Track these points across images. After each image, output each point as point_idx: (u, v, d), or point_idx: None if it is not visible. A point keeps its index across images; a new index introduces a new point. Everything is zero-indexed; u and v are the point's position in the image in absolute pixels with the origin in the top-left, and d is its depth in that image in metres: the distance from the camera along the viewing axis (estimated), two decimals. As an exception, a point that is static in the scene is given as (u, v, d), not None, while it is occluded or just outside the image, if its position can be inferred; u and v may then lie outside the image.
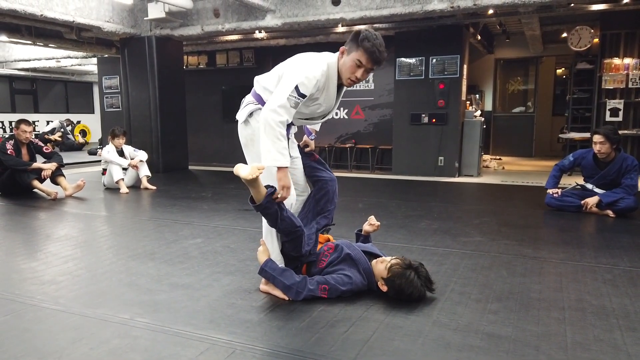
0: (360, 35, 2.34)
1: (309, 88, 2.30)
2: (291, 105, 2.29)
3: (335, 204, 2.71)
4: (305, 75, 2.30)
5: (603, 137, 4.38)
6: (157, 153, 8.10)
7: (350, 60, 2.36)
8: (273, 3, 6.73)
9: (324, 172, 2.69)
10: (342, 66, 2.40)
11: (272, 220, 2.36)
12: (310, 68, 2.33)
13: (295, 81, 2.28)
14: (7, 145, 5.52)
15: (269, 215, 2.34)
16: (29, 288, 2.65)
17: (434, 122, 7.49)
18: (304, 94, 2.30)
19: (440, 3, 5.88)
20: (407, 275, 2.33)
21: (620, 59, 7.26)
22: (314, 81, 2.31)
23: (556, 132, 10.17)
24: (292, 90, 2.28)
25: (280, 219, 2.32)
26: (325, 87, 2.41)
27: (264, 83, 2.49)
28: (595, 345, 1.95)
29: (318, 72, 2.34)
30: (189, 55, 9.70)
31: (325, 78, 2.38)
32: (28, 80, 14.54)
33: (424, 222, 4.24)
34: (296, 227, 2.39)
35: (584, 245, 3.48)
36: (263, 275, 2.47)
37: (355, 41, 2.35)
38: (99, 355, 1.89)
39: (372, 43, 2.32)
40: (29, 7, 6.02)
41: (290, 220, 2.36)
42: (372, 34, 2.35)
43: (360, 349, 1.92)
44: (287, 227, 2.36)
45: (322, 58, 2.41)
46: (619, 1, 6.15)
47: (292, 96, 2.28)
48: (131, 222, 4.41)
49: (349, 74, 2.39)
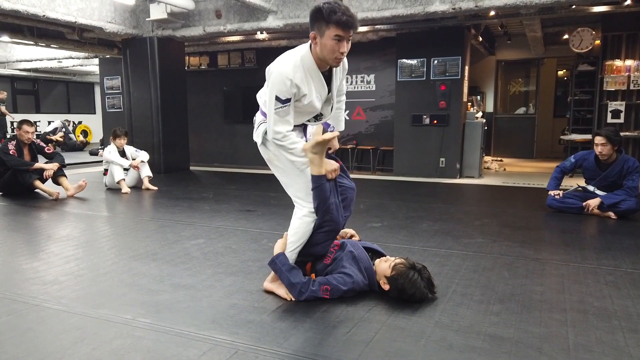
0: (324, 11, 2.20)
1: (285, 90, 2.23)
2: (282, 116, 2.26)
3: (351, 211, 2.69)
4: (277, 81, 2.24)
5: (604, 138, 4.38)
6: (158, 153, 8.10)
7: (327, 39, 2.22)
8: (275, 4, 6.74)
9: (345, 180, 2.66)
10: (321, 51, 2.26)
11: (321, 200, 2.38)
12: (277, 71, 2.25)
13: (273, 91, 2.25)
14: (9, 145, 5.53)
15: (320, 193, 2.37)
16: (31, 288, 2.65)
17: (435, 123, 7.49)
18: (286, 99, 2.24)
19: (441, 4, 5.88)
20: (410, 275, 2.34)
21: (622, 60, 7.26)
22: (287, 81, 2.22)
23: (557, 133, 10.17)
24: (274, 102, 2.24)
25: (329, 205, 2.38)
26: (306, 79, 2.30)
27: (264, 98, 2.45)
28: (598, 347, 1.95)
29: (287, 70, 2.24)
30: (190, 56, 9.71)
31: (302, 71, 2.28)
32: (30, 80, 14.56)
33: (426, 223, 4.24)
34: (337, 218, 2.44)
35: (585, 247, 3.47)
36: (272, 267, 2.47)
37: (322, 19, 2.21)
38: (101, 355, 1.89)
39: (340, 12, 2.18)
40: (31, 7, 6.03)
41: (336, 208, 2.42)
42: (332, 3, 2.22)
43: (362, 349, 1.92)
44: (331, 213, 2.41)
45: (292, 54, 2.32)
46: (620, 3, 6.16)
47: (278, 108, 2.25)
48: (133, 222, 4.42)
49: (332, 53, 2.25)
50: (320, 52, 2.27)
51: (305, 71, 2.29)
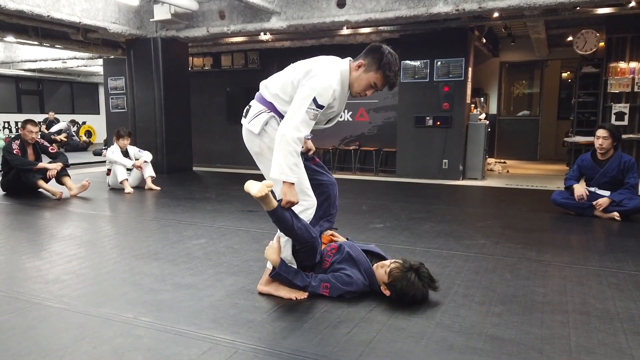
0: (384, 59, 2.32)
1: (326, 99, 2.28)
2: (310, 118, 2.28)
3: (337, 207, 2.71)
4: (322, 86, 2.27)
5: (607, 132, 4.44)
6: (161, 154, 8.12)
7: (366, 79, 2.37)
8: (278, 5, 6.75)
9: (324, 176, 2.68)
10: (355, 79, 2.39)
11: (285, 229, 2.34)
12: (326, 78, 2.30)
13: (313, 93, 2.26)
14: (13, 145, 5.56)
15: (281, 224, 2.32)
16: (33, 286, 2.66)
17: (438, 124, 7.48)
18: (322, 105, 2.28)
19: (445, 6, 5.88)
20: (408, 277, 2.33)
21: (626, 62, 7.23)
22: (331, 91, 2.29)
23: (561, 135, 10.13)
24: (310, 102, 2.25)
25: (297, 228, 2.31)
26: (340, 95, 2.40)
27: (275, 90, 2.44)
28: (600, 348, 1.94)
29: (334, 81, 2.32)
30: (194, 56, 9.74)
31: (341, 86, 2.37)
32: (34, 80, 14.63)
33: (428, 224, 4.24)
34: (312, 238, 2.38)
35: (588, 249, 3.46)
36: (278, 279, 2.47)
37: (377, 62, 2.33)
38: (101, 353, 1.89)
39: (393, 72, 2.33)
40: (36, 8, 6.06)
41: (306, 230, 2.35)
42: (393, 58, 2.35)
43: (362, 350, 1.92)
44: (302, 236, 2.35)
45: (336, 65, 2.39)
46: (625, 5, 6.12)
47: (311, 109, 2.26)
48: (135, 222, 4.42)
49: (360, 89, 2.40)
50: (354, 80, 2.40)
51: (341, 87, 2.39)
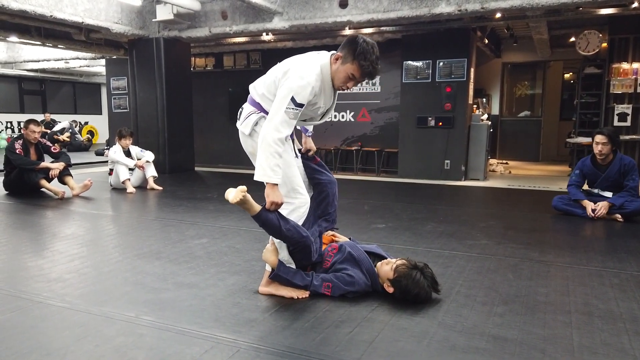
0: (358, 49, 2.28)
1: (305, 96, 2.26)
2: (290, 117, 2.26)
3: (336, 206, 2.69)
4: (299, 85, 2.25)
5: (606, 137, 4.41)
6: (163, 154, 8.13)
7: (343, 71, 2.33)
8: (280, 5, 6.75)
9: (324, 175, 2.66)
10: (334, 73, 2.36)
11: (273, 232, 2.34)
12: (303, 75, 2.27)
13: (291, 92, 2.24)
14: (16, 144, 5.57)
15: (268, 227, 2.32)
16: (36, 285, 2.66)
17: (440, 125, 7.47)
18: (301, 104, 2.26)
19: (447, 6, 5.87)
20: (413, 275, 2.33)
21: (629, 63, 7.21)
22: (309, 88, 2.26)
23: (563, 136, 10.10)
24: (288, 102, 2.24)
25: (286, 230, 2.30)
26: (321, 90, 2.37)
27: (262, 90, 2.44)
28: (602, 349, 1.93)
29: (312, 77, 2.28)
30: (196, 57, 9.75)
31: (320, 81, 2.33)
32: (37, 80, 14.67)
33: (430, 224, 4.23)
34: (302, 238, 2.36)
35: (591, 249, 3.45)
36: (277, 280, 2.47)
37: (352, 53, 2.29)
38: (104, 352, 1.89)
39: (369, 61, 2.28)
40: (39, 7, 6.07)
41: (296, 230, 2.33)
42: (369, 47, 2.29)
43: (365, 349, 1.91)
44: (292, 237, 2.34)
45: (315, 61, 2.36)
46: (627, 5, 6.11)
47: (290, 108, 2.24)
48: (137, 221, 4.43)
49: (340, 82, 2.37)
50: (334, 74, 2.37)
51: (322, 82, 2.35)
